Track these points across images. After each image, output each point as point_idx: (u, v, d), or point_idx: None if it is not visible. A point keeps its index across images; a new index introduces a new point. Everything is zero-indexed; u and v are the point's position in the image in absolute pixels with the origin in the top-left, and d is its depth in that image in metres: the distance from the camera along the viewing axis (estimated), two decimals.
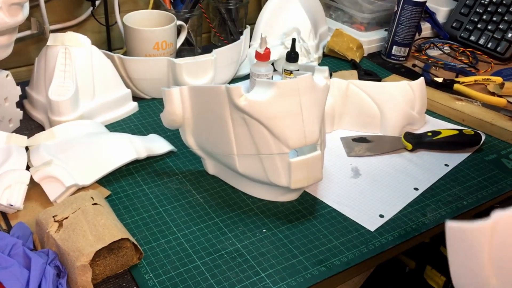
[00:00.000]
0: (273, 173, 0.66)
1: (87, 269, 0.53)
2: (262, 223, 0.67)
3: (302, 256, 0.63)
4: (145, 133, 0.84)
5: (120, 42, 1.06)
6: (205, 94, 0.67)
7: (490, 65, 1.13)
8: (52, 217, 0.58)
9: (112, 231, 0.56)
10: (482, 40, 1.18)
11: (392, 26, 1.10)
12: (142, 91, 0.93)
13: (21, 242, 0.55)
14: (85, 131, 0.77)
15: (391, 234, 0.67)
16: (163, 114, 0.70)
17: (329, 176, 0.76)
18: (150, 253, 0.62)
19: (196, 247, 0.63)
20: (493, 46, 1.16)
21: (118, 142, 0.75)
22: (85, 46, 0.81)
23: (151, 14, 0.99)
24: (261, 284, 0.59)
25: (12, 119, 0.82)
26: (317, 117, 0.65)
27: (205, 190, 0.73)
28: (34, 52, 0.97)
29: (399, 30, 1.09)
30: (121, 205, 0.69)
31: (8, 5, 0.68)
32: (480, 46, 1.18)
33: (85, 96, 0.81)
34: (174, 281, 0.58)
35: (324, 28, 1.16)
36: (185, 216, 0.68)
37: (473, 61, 1.15)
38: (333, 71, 1.03)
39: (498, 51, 1.15)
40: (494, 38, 1.16)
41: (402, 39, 1.09)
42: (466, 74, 1.08)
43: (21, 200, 0.65)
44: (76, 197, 0.61)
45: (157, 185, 0.73)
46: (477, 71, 1.11)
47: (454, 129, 0.84)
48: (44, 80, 0.81)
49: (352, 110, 0.86)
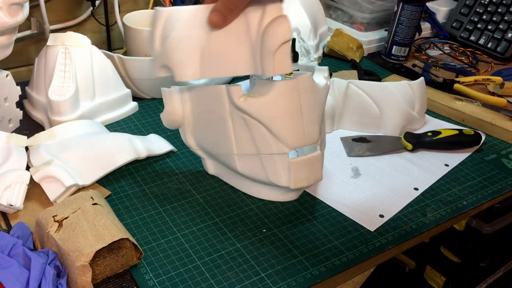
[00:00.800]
0: (273, 173, 0.66)
1: (87, 269, 0.53)
2: (262, 223, 0.67)
3: (302, 256, 0.63)
4: (145, 133, 0.84)
5: (120, 42, 1.06)
6: (205, 94, 0.67)
7: (490, 65, 1.13)
8: (52, 217, 0.58)
9: (112, 231, 0.56)
10: (482, 40, 1.18)
11: (392, 26, 1.10)
12: (142, 91, 0.93)
13: (21, 242, 0.55)
14: (85, 131, 0.77)
15: (391, 234, 0.67)
16: (163, 114, 0.70)
17: (329, 176, 0.76)
18: (150, 253, 0.62)
19: (196, 247, 0.63)
20: (493, 46, 1.16)
21: (118, 142, 0.75)
22: (85, 46, 0.81)
23: (151, 14, 0.99)
24: (261, 284, 0.59)
25: (12, 119, 0.82)
26: (317, 117, 0.65)
27: (205, 190, 0.73)
28: (34, 52, 0.97)
29: (399, 30, 1.09)
30: (121, 205, 0.69)
31: (8, 5, 0.68)
32: (480, 46, 1.18)
33: (85, 96, 0.81)
34: (174, 281, 0.58)
35: (324, 28, 1.16)
36: (185, 216, 0.68)
37: (473, 61, 1.15)
38: (333, 71, 1.03)
39: (498, 51, 1.15)
40: (494, 38, 1.16)
41: (402, 39, 1.09)
42: (466, 74, 1.08)
43: (21, 200, 0.65)
44: (76, 197, 0.61)
45: (157, 185, 0.73)
46: (477, 71, 1.11)
47: (454, 129, 0.84)
48: (44, 80, 0.81)
49: (352, 110, 0.86)
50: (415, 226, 0.68)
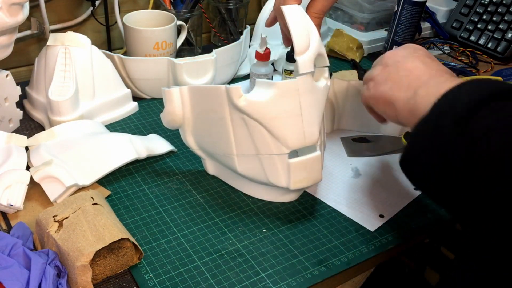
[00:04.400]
0: (273, 173, 0.66)
1: (87, 269, 0.53)
2: (262, 223, 0.67)
3: (302, 256, 0.63)
4: (145, 133, 0.84)
5: (120, 42, 1.06)
6: (205, 94, 0.67)
7: (490, 65, 1.13)
8: (52, 217, 0.58)
9: (112, 231, 0.57)
10: (482, 40, 1.18)
11: (392, 26, 1.10)
12: (142, 91, 0.93)
13: (21, 242, 0.55)
14: (85, 131, 0.77)
15: (391, 234, 0.67)
16: (163, 114, 0.70)
17: (329, 176, 0.76)
18: (150, 253, 0.62)
19: (196, 247, 0.63)
20: (493, 46, 1.16)
21: (118, 142, 0.75)
22: (85, 46, 0.81)
23: (151, 14, 0.99)
24: (261, 284, 0.59)
25: (12, 119, 0.82)
26: (317, 118, 0.65)
27: (205, 190, 0.73)
28: (34, 52, 0.97)
29: (399, 30, 1.09)
30: (121, 205, 0.69)
31: (8, 5, 0.68)
32: (480, 46, 1.18)
33: (85, 96, 0.81)
34: (174, 281, 0.58)
35: (324, 28, 1.16)
36: (185, 216, 0.68)
37: (473, 61, 1.15)
38: (333, 71, 1.03)
39: (498, 51, 1.15)
40: (494, 38, 1.16)
41: (402, 39, 1.09)
42: (466, 74, 1.08)
43: (21, 200, 0.65)
44: (76, 197, 0.61)
45: (157, 185, 0.73)
46: (477, 71, 1.11)
47: None
48: (44, 80, 0.81)
49: (352, 110, 0.86)
50: (415, 226, 0.68)
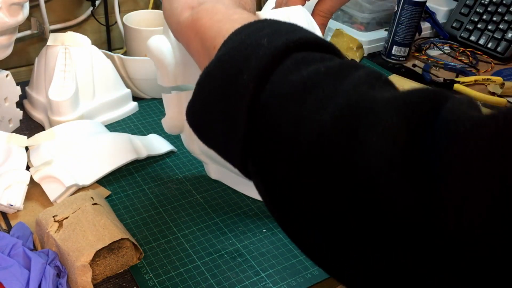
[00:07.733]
0: None
1: (87, 269, 0.53)
2: (262, 223, 0.67)
3: (302, 256, 0.63)
4: (145, 133, 0.84)
5: (120, 42, 1.06)
6: None
7: (490, 65, 1.13)
8: (52, 217, 0.58)
9: (112, 231, 0.56)
10: (482, 40, 1.18)
11: (392, 26, 1.10)
12: (142, 91, 0.93)
13: (21, 242, 0.55)
14: (85, 131, 0.77)
15: None
16: (165, 120, 0.69)
17: None
18: (150, 253, 0.62)
19: (196, 247, 0.63)
20: (493, 46, 1.16)
21: (118, 142, 0.75)
22: (85, 46, 0.81)
23: (151, 14, 0.99)
24: (261, 284, 0.59)
25: (12, 119, 0.82)
26: None
27: (205, 190, 0.73)
28: (34, 52, 0.97)
29: (399, 30, 1.09)
30: (121, 205, 0.69)
31: (8, 5, 0.68)
32: (480, 46, 1.18)
33: (85, 96, 0.81)
34: (174, 281, 0.58)
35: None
36: (185, 216, 0.68)
37: (473, 61, 1.15)
38: None
39: (498, 51, 1.15)
40: (494, 38, 1.16)
41: (402, 39, 1.09)
42: (466, 74, 1.08)
43: (21, 200, 0.65)
44: (76, 197, 0.61)
45: (157, 185, 0.73)
46: (477, 71, 1.11)
47: None
48: (44, 80, 0.81)
49: None
50: None
